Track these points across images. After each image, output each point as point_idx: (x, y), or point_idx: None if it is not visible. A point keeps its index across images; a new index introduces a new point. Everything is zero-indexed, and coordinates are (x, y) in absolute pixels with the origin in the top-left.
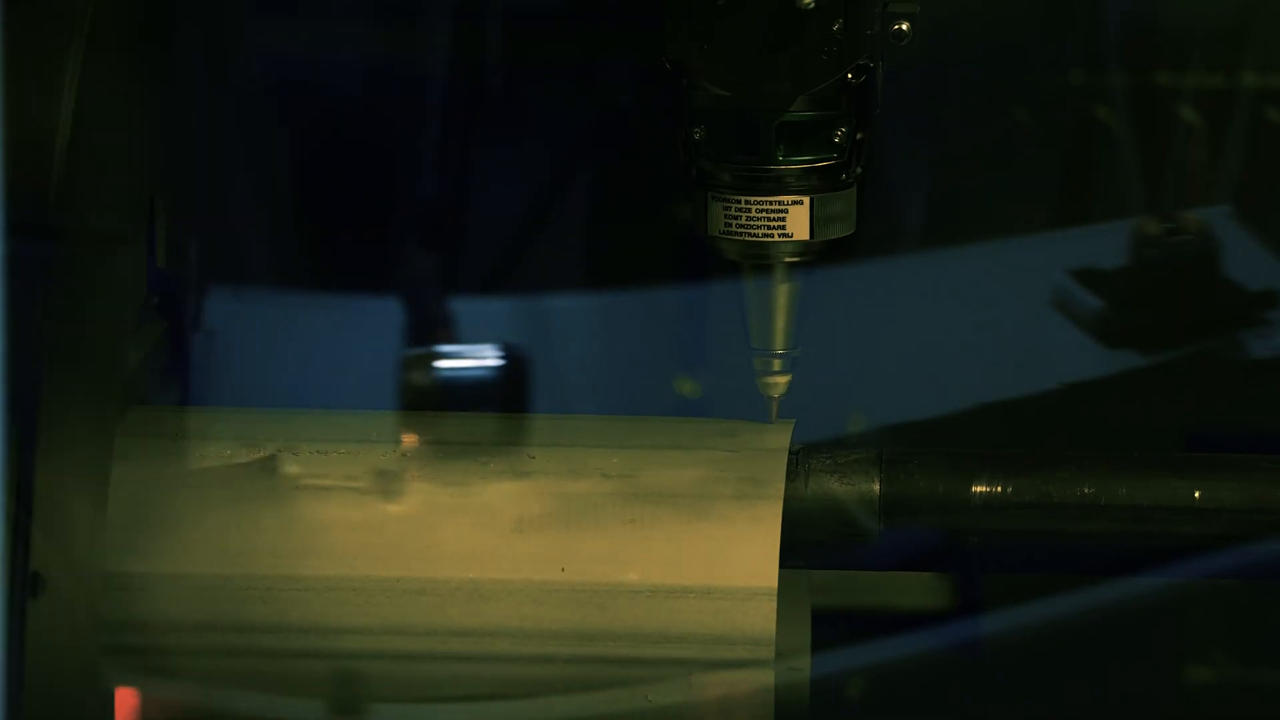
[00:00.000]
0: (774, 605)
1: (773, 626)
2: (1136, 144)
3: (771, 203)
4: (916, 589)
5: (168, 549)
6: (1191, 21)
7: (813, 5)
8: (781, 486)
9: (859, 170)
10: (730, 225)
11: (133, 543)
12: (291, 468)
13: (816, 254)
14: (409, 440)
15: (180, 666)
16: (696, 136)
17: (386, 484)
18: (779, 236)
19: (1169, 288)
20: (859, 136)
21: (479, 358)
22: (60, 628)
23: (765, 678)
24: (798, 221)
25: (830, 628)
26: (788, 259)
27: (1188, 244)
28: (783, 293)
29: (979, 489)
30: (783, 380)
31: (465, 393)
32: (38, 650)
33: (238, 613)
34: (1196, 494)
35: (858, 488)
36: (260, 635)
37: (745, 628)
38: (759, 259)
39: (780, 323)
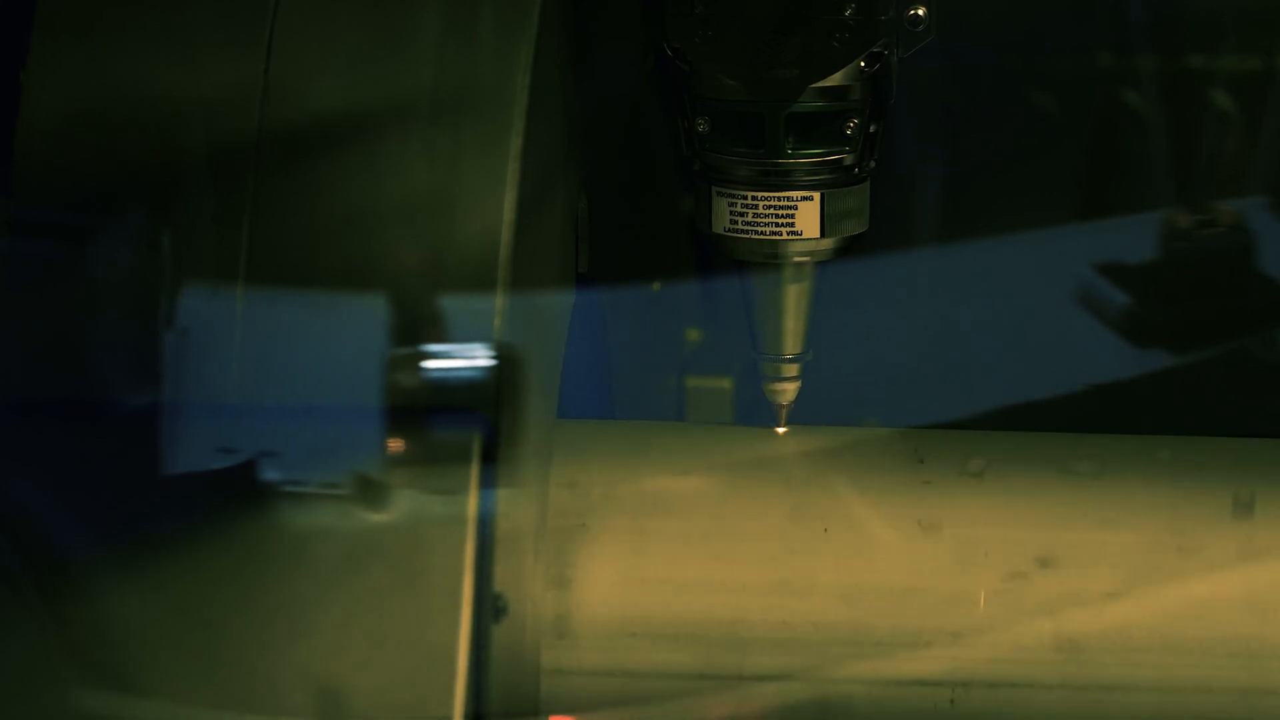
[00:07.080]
0: None
1: None
2: (1166, 132)
3: (780, 198)
4: None
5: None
6: (1225, 1)
7: None
8: None
9: (872, 164)
10: (736, 222)
11: None
12: (272, 473)
13: (827, 252)
14: (396, 445)
15: None
16: (700, 128)
17: (372, 491)
18: (788, 234)
19: (1200, 283)
20: (872, 128)
21: (470, 358)
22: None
23: None
24: (807, 218)
25: None
26: (797, 258)
27: (1220, 237)
28: (792, 294)
29: None
30: (791, 387)
31: (456, 395)
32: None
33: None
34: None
35: None
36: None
37: None
38: (766, 258)
39: (789, 325)
